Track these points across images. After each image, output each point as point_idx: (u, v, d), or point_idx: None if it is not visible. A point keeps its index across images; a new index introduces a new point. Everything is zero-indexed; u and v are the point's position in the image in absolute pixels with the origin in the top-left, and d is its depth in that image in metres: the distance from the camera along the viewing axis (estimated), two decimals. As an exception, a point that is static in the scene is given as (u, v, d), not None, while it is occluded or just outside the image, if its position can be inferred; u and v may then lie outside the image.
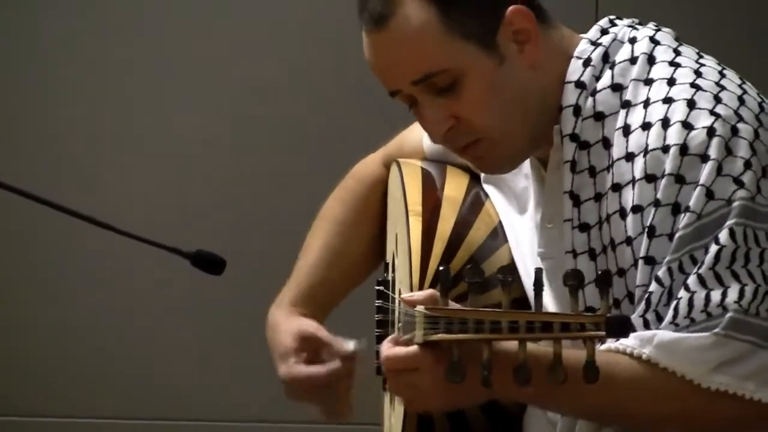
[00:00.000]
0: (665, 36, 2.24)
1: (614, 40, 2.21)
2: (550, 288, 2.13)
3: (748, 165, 2.09)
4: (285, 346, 2.46)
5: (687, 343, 2.07)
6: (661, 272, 2.06)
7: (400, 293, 2.31)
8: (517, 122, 2.21)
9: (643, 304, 2.07)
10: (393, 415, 2.45)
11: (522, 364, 1.89)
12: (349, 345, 2.37)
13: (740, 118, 2.10)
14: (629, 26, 2.24)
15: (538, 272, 1.92)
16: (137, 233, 2.45)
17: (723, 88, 2.12)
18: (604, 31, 2.22)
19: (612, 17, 2.27)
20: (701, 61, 2.19)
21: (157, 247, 2.40)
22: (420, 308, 1.95)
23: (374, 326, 2.54)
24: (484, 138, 2.18)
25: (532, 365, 1.88)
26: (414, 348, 2.00)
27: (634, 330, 2.04)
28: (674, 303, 2.07)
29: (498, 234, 2.34)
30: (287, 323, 2.49)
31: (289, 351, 2.44)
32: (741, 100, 2.13)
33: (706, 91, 2.12)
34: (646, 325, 2.08)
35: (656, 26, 2.24)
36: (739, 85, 2.17)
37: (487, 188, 2.37)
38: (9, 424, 3.98)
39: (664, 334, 2.08)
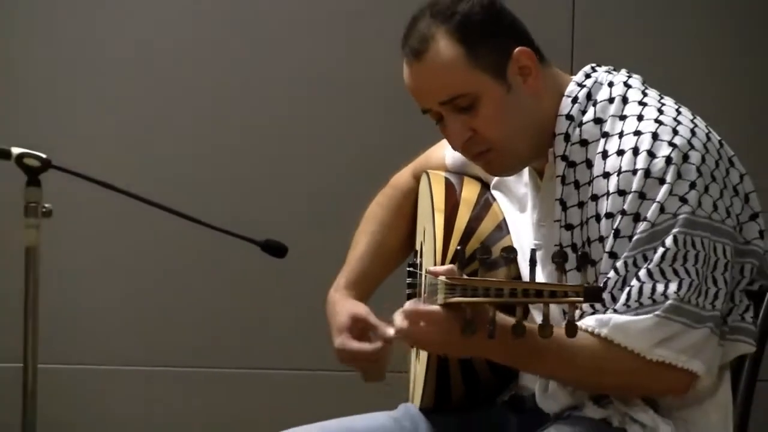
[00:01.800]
0: (635, 81, 2.37)
1: (595, 82, 2.35)
2: (542, 272, 2.29)
3: (692, 186, 2.23)
4: (341, 322, 2.60)
5: (635, 325, 2.21)
6: (619, 264, 2.22)
7: (425, 272, 2.41)
8: (520, 137, 2.36)
9: (608, 287, 2.26)
10: (418, 364, 2.58)
11: (519, 321, 2.05)
12: (390, 331, 2.46)
13: (691, 147, 2.24)
14: (607, 72, 2.38)
15: (533, 252, 2.10)
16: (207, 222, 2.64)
17: (679, 122, 2.27)
18: (587, 76, 2.37)
19: (593, 65, 2.41)
20: (662, 101, 2.34)
21: (234, 237, 2.60)
22: (442, 278, 2.10)
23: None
24: (494, 148, 2.34)
25: (527, 325, 2.07)
26: (436, 307, 2.15)
27: (602, 300, 2.19)
28: (627, 289, 2.21)
29: (502, 227, 2.49)
30: (343, 304, 2.64)
31: (343, 327, 2.59)
32: (692, 132, 2.26)
33: (666, 125, 2.26)
34: (603, 303, 2.25)
35: (628, 73, 2.40)
36: (691, 120, 2.31)
37: (495, 193, 2.55)
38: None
39: (618, 317, 2.22)
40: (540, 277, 2.21)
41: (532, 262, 2.08)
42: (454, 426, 2.51)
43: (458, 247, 2.40)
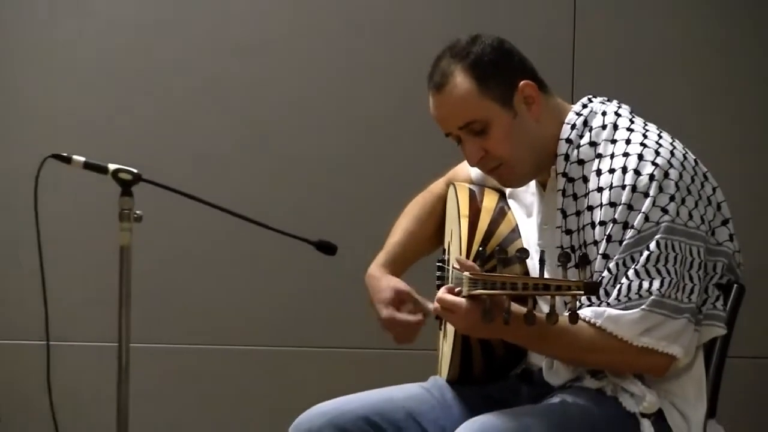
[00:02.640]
0: (624, 110, 2.54)
1: (591, 111, 2.52)
2: (547, 269, 2.42)
3: (672, 198, 2.39)
4: (386, 296, 2.76)
5: (624, 318, 2.38)
6: (612, 265, 2.39)
7: (452, 266, 2.59)
8: (525, 155, 2.52)
9: (603, 283, 2.42)
10: (445, 343, 2.75)
11: (530, 310, 2.23)
12: (429, 306, 2.65)
13: (671, 165, 2.41)
14: (601, 102, 2.55)
15: (542, 253, 2.29)
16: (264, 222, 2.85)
17: (660, 145, 2.43)
18: (584, 106, 2.53)
19: (590, 96, 2.58)
20: (646, 127, 2.50)
21: (293, 237, 2.82)
22: (466, 274, 2.28)
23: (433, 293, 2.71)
24: (504, 164, 2.51)
25: (537, 314, 2.25)
26: (461, 299, 2.33)
27: (597, 291, 2.29)
28: (618, 286, 2.38)
29: (515, 231, 2.66)
30: (385, 279, 2.79)
31: (388, 300, 2.75)
32: (672, 153, 2.42)
33: (649, 148, 2.43)
34: (597, 296, 2.42)
35: (619, 104, 2.58)
36: (671, 143, 2.48)
37: (510, 202, 2.72)
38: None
39: (610, 311, 2.39)
40: (547, 273, 2.39)
41: (542, 262, 2.27)
42: (474, 395, 2.65)
43: (480, 248, 2.53)
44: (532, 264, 2.49)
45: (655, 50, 4.07)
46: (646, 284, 2.36)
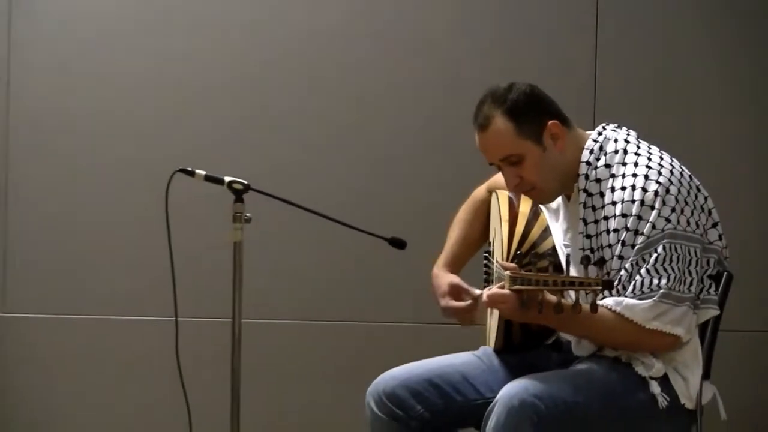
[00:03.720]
0: (632, 137, 2.72)
1: (605, 138, 2.70)
2: (571, 267, 2.57)
3: (673, 210, 2.58)
4: (444, 290, 2.92)
5: (639, 306, 2.57)
6: (627, 265, 2.59)
7: (497, 263, 2.80)
8: (551, 181, 2.71)
9: (616, 281, 2.57)
10: (491, 319, 2.93)
11: (558, 302, 2.45)
12: (476, 292, 2.84)
13: (671, 183, 2.60)
14: (613, 130, 2.73)
15: (568, 256, 2.49)
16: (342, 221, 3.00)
17: (662, 166, 2.63)
18: (599, 133, 2.71)
19: (604, 124, 2.74)
20: (650, 151, 2.68)
21: (367, 234, 2.97)
22: (507, 273, 2.50)
23: (481, 282, 2.98)
24: (535, 188, 2.71)
25: (564, 303, 2.46)
26: (506, 291, 2.51)
27: (613, 288, 2.51)
28: (633, 282, 2.57)
29: (547, 230, 2.82)
30: (443, 277, 2.96)
31: (446, 293, 2.91)
32: (671, 172, 2.62)
33: (653, 168, 2.62)
34: (617, 292, 2.58)
35: (627, 131, 2.74)
36: (670, 163, 2.65)
37: (542, 207, 2.86)
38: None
39: (628, 300, 2.57)
40: (571, 270, 2.54)
41: (567, 262, 2.48)
42: (515, 361, 2.82)
43: (518, 252, 2.71)
44: (561, 261, 2.65)
45: (674, 83, 4.04)
46: (656, 281, 2.55)
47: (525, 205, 2.87)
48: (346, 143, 4.07)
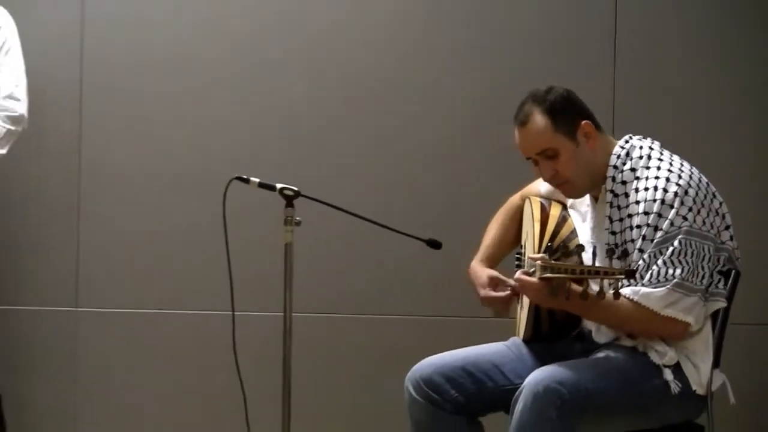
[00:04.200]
0: (655, 145, 2.81)
1: (631, 146, 2.80)
2: (597, 260, 2.61)
3: (690, 210, 2.67)
4: (483, 281, 3.00)
5: (654, 295, 2.66)
6: (645, 256, 2.68)
7: (528, 257, 2.83)
8: (583, 176, 2.79)
9: (638, 271, 2.66)
10: (521, 311, 2.98)
11: (585, 289, 2.56)
12: (512, 282, 2.90)
13: (689, 186, 2.70)
14: (638, 139, 2.82)
15: (594, 248, 2.60)
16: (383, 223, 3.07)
17: (682, 171, 2.73)
18: (626, 141, 2.81)
19: (629, 135, 2.82)
20: (671, 159, 2.77)
21: (406, 236, 3.05)
22: (538, 262, 2.59)
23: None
24: (568, 181, 2.80)
25: (589, 291, 2.55)
26: (535, 279, 2.61)
27: (634, 277, 2.60)
28: (650, 272, 2.66)
29: (573, 232, 2.89)
30: (482, 270, 3.04)
31: (485, 284, 2.99)
32: (690, 177, 2.71)
33: (674, 172, 2.72)
34: (634, 280, 2.65)
35: (651, 140, 2.82)
36: (689, 170, 2.74)
37: (570, 211, 2.95)
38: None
39: (644, 289, 2.65)
40: (597, 262, 2.63)
41: (594, 255, 2.58)
42: (542, 350, 2.87)
43: (549, 244, 2.80)
44: (587, 256, 2.69)
45: (692, 89, 4.01)
46: (671, 271, 2.64)
47: (555, 209, 2.95)
48: (385, 153, 4.07)
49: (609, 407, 2.67)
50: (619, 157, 2.76)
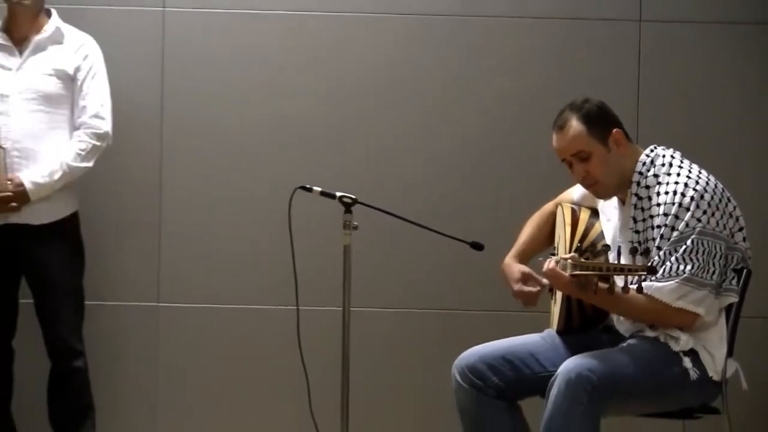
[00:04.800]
0: (677, 155, 2.90)
1: (655, 155, 2.89)
2: (622, 257, 2.78)
3: (704, 212, 2.77)
4: (515, 276, 3.06)
5: (666, 288, 2.75)
6: (661, 253, 2.78)
7: (560, 258, 2.86)
8: (612, 178, 2.87)
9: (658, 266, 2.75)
10: (554, 306, 3.07)
11: (610, 285, 2.67)
12: (544, 281, 2.95)
13: (705, 191, 2.80)
14: (662, 149, 2.91)
15: (619, 248, 2.70)
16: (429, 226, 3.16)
17: (699, 178, 2.83)
18: (652, 151, 2.89)
19: (653, 146, 2.90)
20: (690, 167, 2.85)
21: (452, 239, 3.14)
22: (569, 261, 2.69)
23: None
24: (597, 182, 2.88)
25: (614, 286, 2.66)
26: (567, 275, 2.69)
27: (656, 273, 2.69)
28: (664, 266, 2.75)
29: (601, 234, 2.98)
30: (515, 266, 3.10)
31: (518, 279, 3.05)
32: (706, 183, 2.81)
33: (691, 179, 2.82)
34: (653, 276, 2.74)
35: (673, 151, 2.89)
36: (707, 177, 2.82)
37: (601, 216, 3.00)
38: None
39: (657, 284, 2.73)
40: (621, 260, 2.76)
41: (618, 253, 2.71)
42: (574, 341, 2.94)
43: (578, 245, 2.92)
44: (612, 255, 2.75)
45: (712, 98, 4.04)
46: (681, 267, 2.74)
47: (585, 214, 3.05)
48: (432, 165, 4.08)
49: (634, 392, 2.75)
50: (644, 164, 2.86)
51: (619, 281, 2.69)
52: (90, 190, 3.92)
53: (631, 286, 2.64)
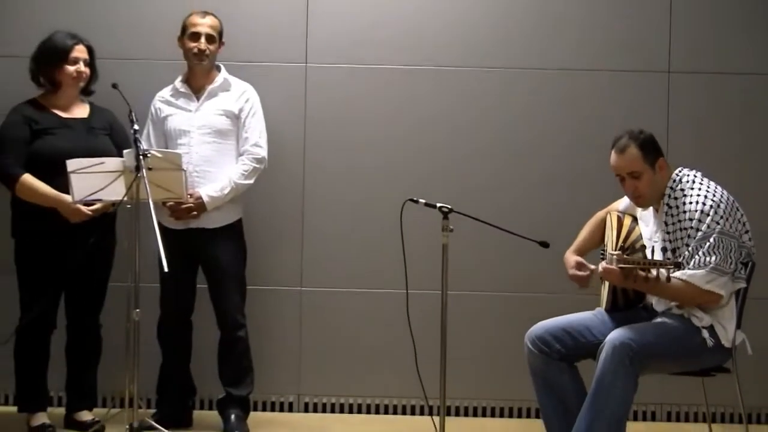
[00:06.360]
0: (698, 175, 3.13)
1: (683, 174, 3.10)
2: (656, 255, 2.97)
3: (721, 217, 3.00)
4: (572, 264, 3.25)
5: (697, 274, 2.98)
6: (690, 249, 2.99)
7: (608, 253, 3.13)
8: (653, 193, 3.11)
9: (683, 260, 2.98)
10: (604, 289, 3.27)
11: (647, 275, 2.88)
12: (592, 267, 3.18)
13: (720, 202, 3.05)
14: (687, 170, 3.11)
15: (653, 248, 2.93)
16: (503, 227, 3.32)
17: (716, 193, 3.07)
18: (680, 172, 3.11)
19: (681, 167, 3.11)
20: (708, 185, 3.07)
21: (522, 237, 3.29)
22: (615, 256, 2.95)
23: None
24: (641, 196, 3.13)
25: (650, 276, 2.91)
26: (615, 267, 2.92)
27: (682, 267, 2.90)
28: (693, 259, 2.98)
29: (640, 237, 3.20)
30: (572, 257, 3.29)
31: (573, 266, 3.25)
32: (721, 197, 3.05)
33: (710, 192, 3.06)
34: (683, 267, 2.98)
35: (696, 171, 3.10)
36: (721, 192, 3.05)
37: (639, 221, 3.25)
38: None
39: (690, 271, 2.94)
40: (655, 257, 2.99)
41: (653, 251, 2.96)
42: (618, 316, 3.15)
43: (622, 244, 3.17)
44: (648, 252, 3.02)
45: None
46: (708, 258, 2.98)
47: (627, 220, 3.27)
48: (508, 178, 4.21)
49: (665, 356, 3.00)
50: (674, 181, 3.12)
51: (654, 272, 2.86)
52: (251, 202, 4.13)
53: (662, 276, 2.86)
